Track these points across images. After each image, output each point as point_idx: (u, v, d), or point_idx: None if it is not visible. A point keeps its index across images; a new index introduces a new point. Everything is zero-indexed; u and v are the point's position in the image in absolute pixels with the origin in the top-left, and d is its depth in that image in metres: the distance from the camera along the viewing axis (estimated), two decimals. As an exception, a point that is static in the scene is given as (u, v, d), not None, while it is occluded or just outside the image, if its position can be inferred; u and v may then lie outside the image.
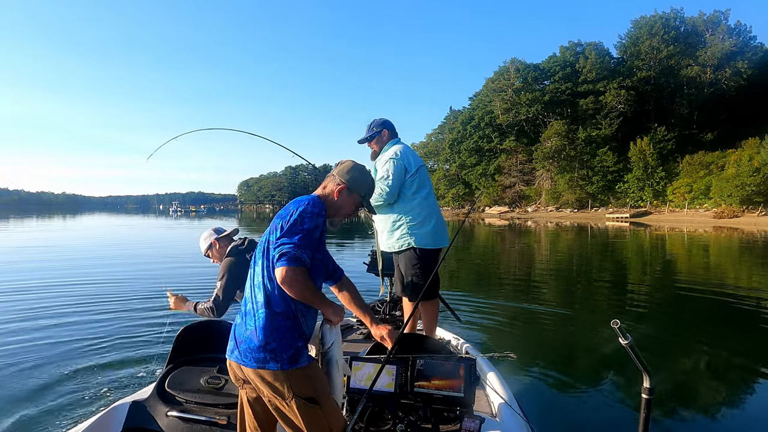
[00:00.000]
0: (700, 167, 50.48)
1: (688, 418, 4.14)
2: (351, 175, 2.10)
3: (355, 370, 2.44)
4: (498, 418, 2.56)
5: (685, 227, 36.44)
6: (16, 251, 17.78)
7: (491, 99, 74.24)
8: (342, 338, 4.09)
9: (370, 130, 3.74)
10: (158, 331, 6.11)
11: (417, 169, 3.58)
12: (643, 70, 64.77)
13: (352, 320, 4.61)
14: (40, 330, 6.34)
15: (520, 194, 70.02)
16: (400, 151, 3.58)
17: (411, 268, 3.58)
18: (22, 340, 5.88)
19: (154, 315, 7.17)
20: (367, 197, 2.18)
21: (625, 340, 1.81)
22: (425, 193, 3.61)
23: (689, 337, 6.77)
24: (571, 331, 7.11)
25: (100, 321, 6.86)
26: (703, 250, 20.54)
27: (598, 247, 22.71)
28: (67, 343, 5.74)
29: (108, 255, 16.55)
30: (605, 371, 5.20)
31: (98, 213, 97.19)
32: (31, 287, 9.41)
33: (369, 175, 2.19)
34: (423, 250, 3.54)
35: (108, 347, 5.62)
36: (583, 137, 61.65)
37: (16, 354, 5.30)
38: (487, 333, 6.65)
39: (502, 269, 14.90)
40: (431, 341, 2.82)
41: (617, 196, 59.07)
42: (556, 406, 4.23)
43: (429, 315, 3.67)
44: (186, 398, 2.59)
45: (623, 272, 14.11)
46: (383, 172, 3.54)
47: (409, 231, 3.54)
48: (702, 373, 5.35)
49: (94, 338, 5.96)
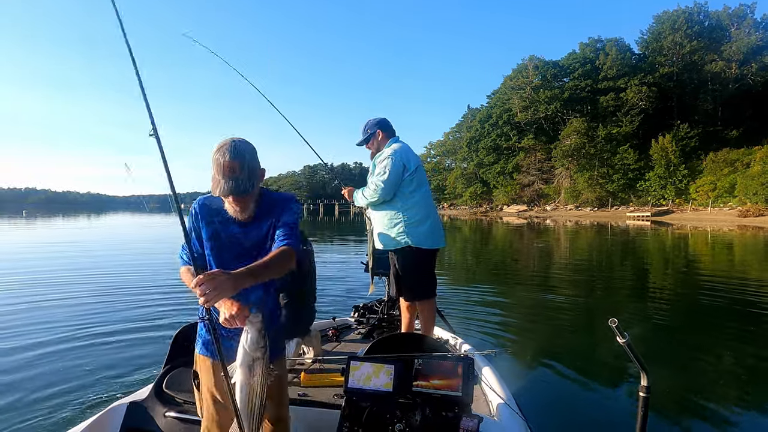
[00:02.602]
0: (724, 165, 49.35)
1: (687, 417, 4.11)
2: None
3: (354, 369, 2.44)
4: (496, 417, 2.55)
5: (709, 226, 35.67)
6: (26, 248, 18.11)
7: (509, 97, 73.60)
8: (340, 338, 4.12)
9: (365, 131, 3.74)
10: (157, 331, 6.15)
11: (416, 167, 3.56)
12: (666, 66, 63.48)
13: (350, 320, 4.63)
14: (38, 330, 6.33)
15: (539, 193, 69.28)
16: (398, 149, 3.56)
17: (407, 267, 3.57)
18: (20, 339, 5.88)
19: (154, 315, 7.21)
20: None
21: (623, 338, 1.81)
22: (423, 193, 3.59)
23: (701, 337, 6.64)
24: (571, 330, 7.06)
25: (99, 321, 6.86)
26: (726, 249, 20.10)
27: (617, 245, 22.37)
28: (65, 343, 5.73)
29: (110, 254, 16.53)
30: (605, 369, 5.18)
31: (121, 212, 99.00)
32: (31, 287, 9.41)
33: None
34: (419, 249, 3.52)
35: (106, 347, 5.61)
36: (603, 135, 60.74)
37: (12, 355, 5.29)
38: (486, 331, 6.62)
39: (509, 266, 14.84)
40: (429, 340, 2.82)
41: (638, 195, 58.08)
42: (554, 404, 4.21)
43: (426, 315, 3.65)
44: (184, 398, 2.59)
45: (638, 270, 13.91)
46: (381, 168, 3.52)
47: (407, 229, 3.51)
48: (704, 374, 5.25)
49: (93, 338, 5.96)
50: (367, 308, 4.70)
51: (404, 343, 2.61)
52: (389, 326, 4.33)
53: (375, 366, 2.41)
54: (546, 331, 6.92)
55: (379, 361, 2.41)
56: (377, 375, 2.40)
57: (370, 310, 4.67)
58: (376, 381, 2.39)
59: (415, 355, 2.44)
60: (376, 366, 2.41)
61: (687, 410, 4.23)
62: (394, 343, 2.66)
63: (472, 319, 7.19)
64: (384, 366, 2.40)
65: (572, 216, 56.13)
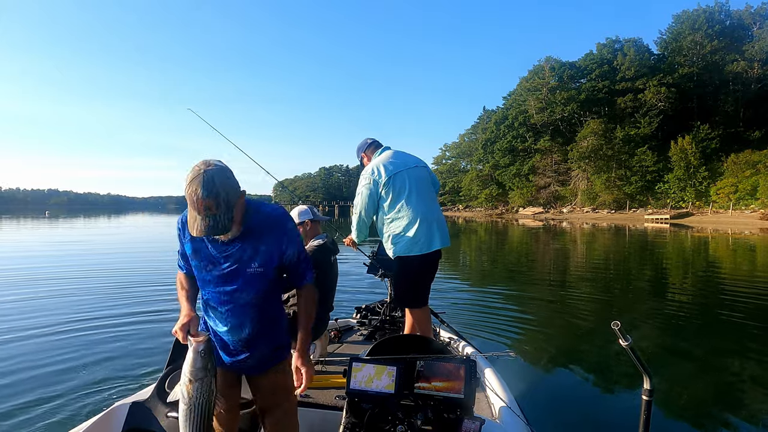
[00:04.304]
0: (746, 166, 48.25)
1: (690, 421, 4.06)
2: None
3: (356, 371, 2.44)
4: (498, 420, 2.53)
5: (730, 229, 34.97)
6: (35, 247, 18.38)
7: (525, 98, 73.08)
8: (342, 339, 4.12)
9: (359, 159, 3.90)
10: (160, 331, 6.18)
11: (391, 177, 3.48)
12: (686, 67, 62.45)
13: (352, 321, 4.62)
14: (41, 328, 6.39)
15: (555, 195, 68.62)
16: (370, 167, 3.58)
17: (397, 274, 3.60)
18: (23, 338, 5.94)
19: (157, 314, 7.26)
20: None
21: (626, 341, 1.80)
22: (404, 200, 3.48)
23: (716, 343, 6.52)
24: (577, 333, 7.00)
25: (101, 320, 6.92)
26: (749, 253, 19.66)
27: (634, 248, 22.04)
28: (68, 342, 5.77)
29: (114, 255, 16.66)
30: (608, 372, 5.12)
31: (141, 213, 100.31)
32: (31, 287, 9.51)
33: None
34: (407, 257, 3.49)
35: (108, 348, 5.64)
36: (621, 136, 59.95)
37: (15, 354, 5.31)
38: (489, 334, 6.58)
39: (521, 269, 14.70)
40: (432, 342, 2.80)
41: (657, 197, 57.17)
42: (556, 407, 4.18)
43: (419, 324, 3.59)
44: None
45: (655, 274, 13.68)
46: (357, 191, 3.62)
47: (393, 239, 3.52)
48: (709, 379, 5.17)
49: (95, 338, 6.00)
50: (369, 309, 4.70)
51: (406, 345, 2.60)
52: (391, 328, 4.33)
53: (377, 367, 2.40)
54: (551, 334, 6.88)
55: (381, 362, 2.40)
56: (379, 377, 2.40)
57: (372, 312, 4.67)
58: (378, 383, 2.39)
59: (417, 357, 2.43)
60: (378, 367, 2.40)
61: (691, 415, 4.18)
62: (397, 344, 2.65)
63: (476, 321, 7.16)
64: (386, 368, 2.39)
65: (589, 218, 55.47)
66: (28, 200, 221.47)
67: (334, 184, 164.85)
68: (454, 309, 7.44)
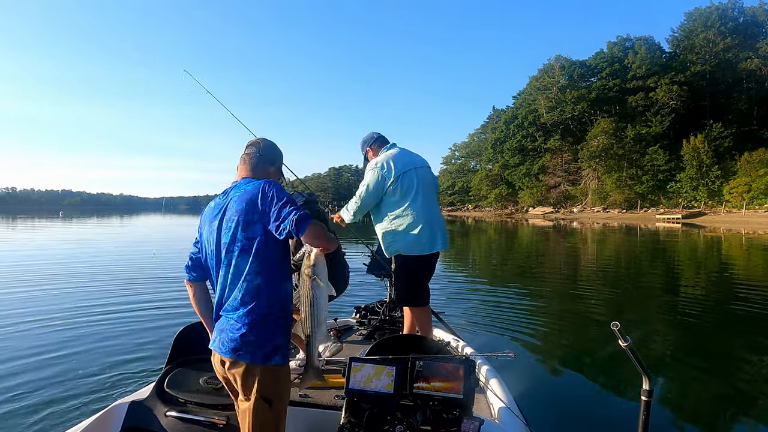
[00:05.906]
0: (759, 165, 47.58)
1: (690, 421, 4.04)
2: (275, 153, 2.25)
3: (355, 371, 2.44)
4: (497, 420, 2.52)
5: (743, 228, 34.54)
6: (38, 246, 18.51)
7: (535, 97, 72.75)
8: (342, 339, 4.12)
9: (362, 152, 3.91)
10: (159, 331, 6.19)
11: (400, 175, 3.50)
12: (698, 65, 61.78)
13: (351, 321, 4.62)
14: (40, 327, 6.39)
15: (566, 194, 68.19)
16: (381, 160, 3.58)
17: (398, 273, 3.60)
18: (22, 337, 5.93)
19: (156, 314, 7.27)
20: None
21: (625, 342, 1.79)
22: (410, 199, 3.51)
23: (725, 345, 6.41)
24: (578, 333, 6.95)
25: (101, 319, 6.92)
26: (763, 252, 19.40)
27: (646, 247, 21.85)
28: (67, 341, 5.76)
29: (115, 254, 16.70)
30: (609, 373, 5.10)
31: (152, 213, 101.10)
32: (32, 286, 9.54)
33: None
34: (409, 257, 3.50)
35: (108, 346, 5.63)
36: (632, 135, 59.43)
37: (15, 354, 5.29)
38: (487, 334, 6.55)
39: (528, 269, 14.63)
40: (431, 342, 2.80)
41: (668, 196, 56.59)
42: (555, 408, 4.16)
43: (419, 323, 3.60)
44: (185, 398, 2.59)
45: (666, 274, 13.56)
46: (365, 180, 3.61)
47: (395, 238, 3.51)
48: (711, 380, 5.11)
49: (94, 336, 5.99)
50: (369, 309, 4.70)
51: (406, 345, 2.60)
52: (391, 328, 4.32)
53: (376, 367, 2.40)
54: (552, 335, 6.84)
55: (381, 362, 2.41)
56: (378, 376, 2.40)
57: (371, 312, 4.67)
58: (377, 382, 2.39)
59: (416, 357, 2.43)
60: (377, 367, 2.40)
61: (691, 415, 4.16)
62: (396, 344, 2.65)
63: (476, 322, 7.13)
64: (385, 367, 2.39)
65: (600, 218, 55.06)
66: (43, 201, 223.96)
67: (343, 184, 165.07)
68: (454, 309, 7.42)
